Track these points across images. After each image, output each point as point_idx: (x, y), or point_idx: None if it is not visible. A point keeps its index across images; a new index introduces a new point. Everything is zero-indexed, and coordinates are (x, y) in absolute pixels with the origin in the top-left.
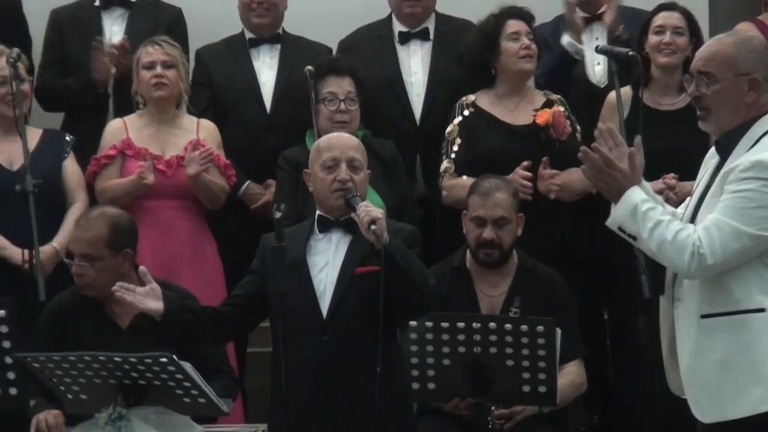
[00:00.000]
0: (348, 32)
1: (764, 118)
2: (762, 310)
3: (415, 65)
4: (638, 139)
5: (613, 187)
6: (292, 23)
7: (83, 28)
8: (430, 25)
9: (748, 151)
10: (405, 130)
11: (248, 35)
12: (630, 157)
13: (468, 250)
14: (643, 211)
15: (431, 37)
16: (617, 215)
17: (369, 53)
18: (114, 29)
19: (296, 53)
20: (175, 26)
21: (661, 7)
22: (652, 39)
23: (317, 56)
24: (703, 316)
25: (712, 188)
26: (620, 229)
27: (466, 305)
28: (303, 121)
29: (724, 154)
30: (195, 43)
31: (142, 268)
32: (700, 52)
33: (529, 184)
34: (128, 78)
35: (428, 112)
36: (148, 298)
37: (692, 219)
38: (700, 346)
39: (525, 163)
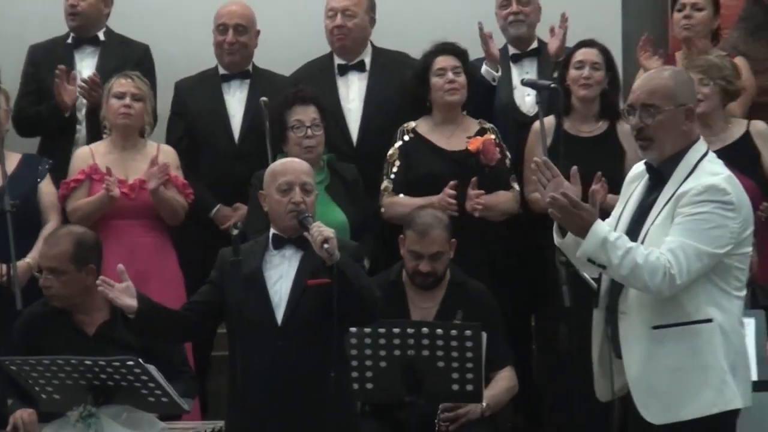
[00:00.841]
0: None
1: (695, 145)
2: (710, 320)
3: (352, 94)
4: (575, 169)
5: (579, 224)
6: (264, 57)
7: (57, 62)
8: (366, 57)
9: (688, 176)
10: (344, 152)
11: (221, 70)
12: (592, 195)
13: (404, 268)
14: (612, 242)
15: (367, 68)
16: (587, 248)
17: (312, 84)
18: (84, 65)
19: (264, 86)
20: (141, 62)
21: (581, 44)
22: (573, 73)
23: (282, 87)
24: (655, 327)
25: (665, 211)
26: (590, 260)
27: (399, 316)
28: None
29: (661, 179)
30: (166, 75)
31: (120, 266)
32: (641, 87)
33: (454, 202)
34: (99, 108)
35: (363, 136)
36: (125, 295)
37: (630, 235)
38: (651, 354)
39: (451, 183)
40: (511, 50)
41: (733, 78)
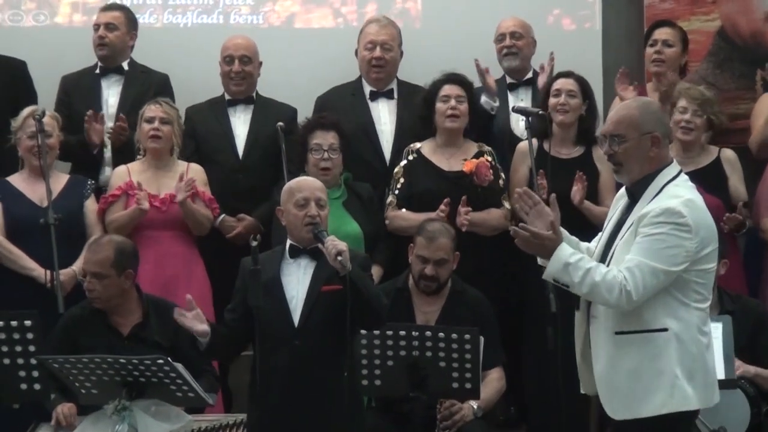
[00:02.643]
0: (314, 91)
1: (666, 169)
2: (665, 329)
3: (384, 117)
4: (553, 197)
5: (543, 251)
6: (266, 86)
7: (86, 90)
8: (394, 87)
9: (654, 198)
10: (376, 168)
11: (227, 97)
12: (552, 223)
13: (411, 275)
14: (573, 263)
15: (395, 96)
16: (551, 271)
17: (344, 107)
18: (110, 92)
19: (265, 112)
20: (162, 90)
21: (559, 75)
22: (551, 101)
23: (285, 114)
24: (617, 333)
25: (628, 231)
26: (554, 280)
27: (405, 319)
28: (272, 165)
29: (634, 199)
30: (181, 101)
31: (188, 296)
32: (610, 118)
33: (444, 216)
34: (123, 144)
35: (396, 155)
36: (196, 321)
37: (604, 251)
38: (613, 356)
39: (445, 200)
40: (508, 80)
41: (720, 114)
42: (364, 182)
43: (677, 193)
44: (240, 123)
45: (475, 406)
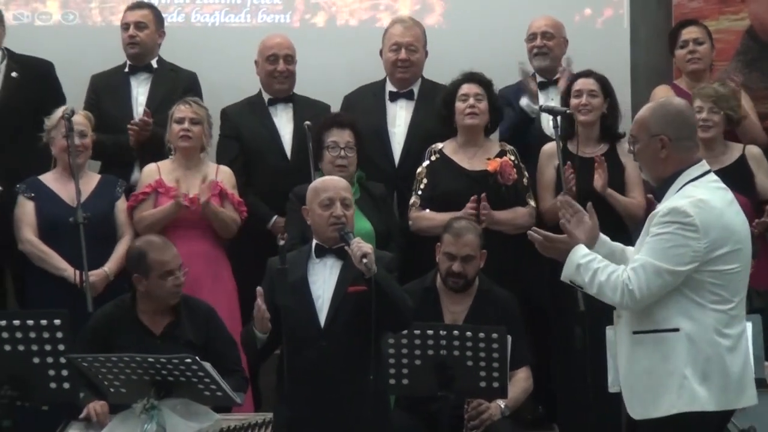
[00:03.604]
0: (342, 90)
1: (690, 170)
2: (677, 330)
3: (399, 119)
4: (590, 205)
5: (559, 254)
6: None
7: (115, 89)
8: (416, 87)
9: (671, 198)
10: (385, 170)
11: (266, 96)
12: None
13: (438, 274)
14: (584, 265)
15: (415, 97)
16: (566, 272)
17: (364, 107)
18: (140, 90)
19: (305, 110)
20: (191, 88)
21: (579, 75)
22: (573, 101)
23: (320, 111)
24: (634, 332)
25: (643, 230)
26: (570, 281)
27: (433, 319)
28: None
29: (658, 200)
30: (208, 100)
31: (258, 288)
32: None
33: (474, 213)
34: (147, 141)
35: (405, 157)
36: (265, 317)
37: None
38: (630, 356)
39: (473, 198)
40: (539, 78)
41: (737, 108)
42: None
43: (691, 193)
44: (283, 122)
45: (503, 406)
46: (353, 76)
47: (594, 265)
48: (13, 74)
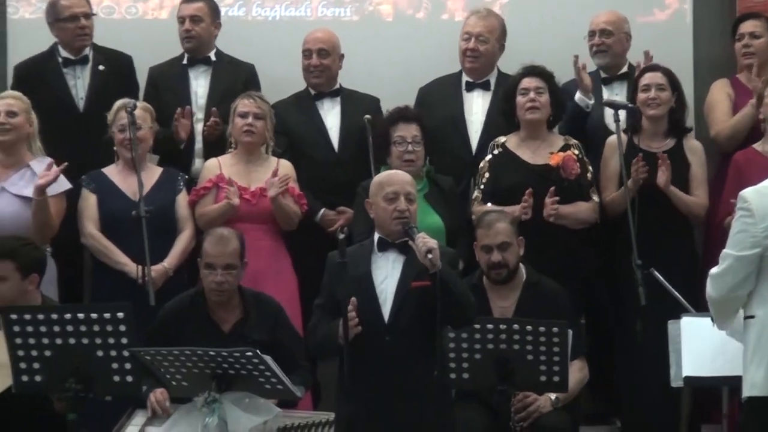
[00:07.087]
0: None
1: None
2: (752, 317)
3: (476, 107)
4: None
5: None
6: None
7: (174, 82)
8: (492, 78)
9: None
10: (463, 158)
11: (312, 91)
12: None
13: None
14: None
15: (492, 88)
16: None
17: (440, 97)
18: (199, 83)
19: (353, 103)
20: (250, 81)
21: (646, 69)
22: (641, 96)
23: (368, 105)
24: (745, 318)
25: None
26: None
27: (482, 314)
28: (365, 157)
29: None
30: (267, 94)
31: (353, 304)
32: None
33: (528, 206)
34: (214, 138)
35: (483, 146)
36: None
37: None
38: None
39: (528, 190)
40: (602, 74)
41: None
42: (450, 174)
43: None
44: (330, 116)
45: (553, 397)
46: (418, 69)
47: None
48: (100, 67)
